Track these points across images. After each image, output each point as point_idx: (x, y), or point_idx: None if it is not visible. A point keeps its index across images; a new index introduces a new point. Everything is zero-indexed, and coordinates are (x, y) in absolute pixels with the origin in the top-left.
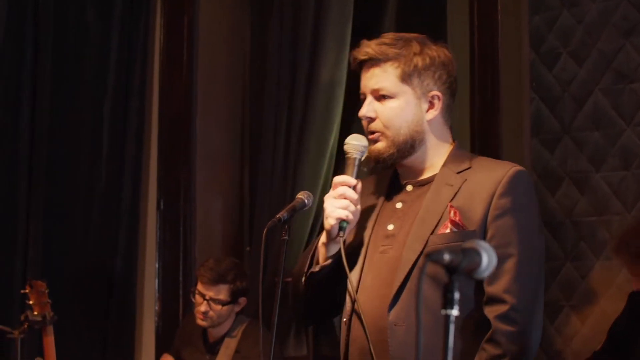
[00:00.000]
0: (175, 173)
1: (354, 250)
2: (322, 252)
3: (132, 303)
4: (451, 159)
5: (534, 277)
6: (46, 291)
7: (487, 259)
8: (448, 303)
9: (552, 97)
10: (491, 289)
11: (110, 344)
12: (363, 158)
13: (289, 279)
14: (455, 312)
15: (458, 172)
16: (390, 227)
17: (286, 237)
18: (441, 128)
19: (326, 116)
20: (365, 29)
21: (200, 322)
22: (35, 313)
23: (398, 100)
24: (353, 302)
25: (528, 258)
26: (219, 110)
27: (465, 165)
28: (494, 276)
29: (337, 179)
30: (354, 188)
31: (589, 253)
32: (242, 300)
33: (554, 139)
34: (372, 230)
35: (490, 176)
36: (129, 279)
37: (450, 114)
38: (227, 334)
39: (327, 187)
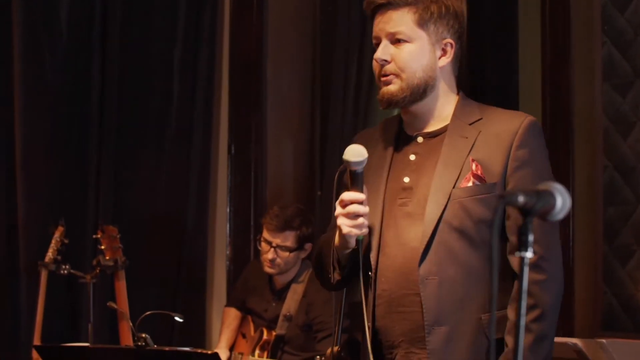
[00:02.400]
0: (246, 117)
1: (368, 203)
2: (341, 257)
3: (204, 248)
4: (460, 109)
5: (556, 225)
6: (118, 236)
7: (562, 201)
8: (522, 245)
9: (623, 41)
10: (515, 239)
11: (181, 289)
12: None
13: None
14: (529, 254)
15: (470, 124)
16: (406, 179)
17: None
18: (450, 77)
19: None
20: None
21: (267, 270)
22: (107, 258)
23: (414, 44)
24: (377, 256)
25: None
26: (290, 55)
27: (477, 117)
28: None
29: (346, 196)
30: (362, 203)
31: None
32: (308, 246)
33: (625, 83)
34: (386, 182)
35: (506, 128)
36: (200, 224)
37: (457, 65)
38: (294, 280)
39: None
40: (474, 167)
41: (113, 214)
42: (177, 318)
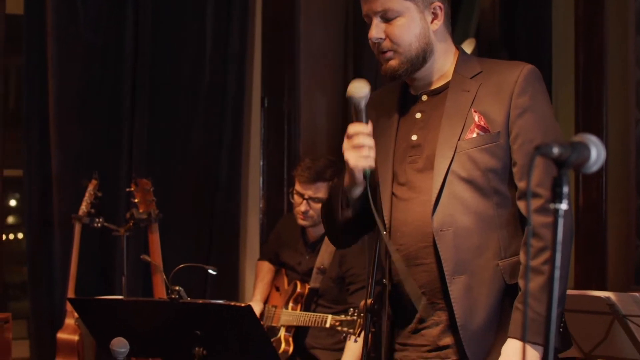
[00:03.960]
0: (280, 71)
1: (379, 163)
2: (351, 193)
3: (237, 201)
4: (460, 65)
5: None
6: (151, 189)
7: (596, 153)
8: (557, 197)
9: None
10: (523, 185)
11: (215, 242)
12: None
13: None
14: (564, 206)
15: (471, 77)
16: (414, 137)
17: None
18: (445, 36)
19: None
20: None
21: (300, 222)
22: (141, 211)
23: (404, 17)
24: (390, 213)
25: None
26: (323, 8)
27: (477, 70)
28: (525, 172)
29: (352, 129)
30: (368, 135)
31: None
32: None
33: None
34: (395, 142)
35: (505, 78)
36: (234, 177)
37: (450, 21)
38: None
39: None
40: (476, 118)
41: (146, 167)
42: (210, 271)
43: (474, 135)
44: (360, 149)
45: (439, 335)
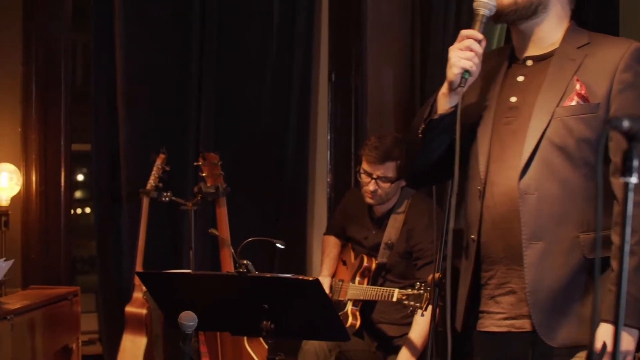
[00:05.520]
0: (347, 45)
1: (479, 121)
2: (443, 103)
3: (304, 175)
4: (569, 34)
5: None
6: (219, 163)
7: None
8: (627, 170)
9: None
10: (618, 160)
11: (282, 216)
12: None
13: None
14: (634, 179)
15: (578, 47)
16: (513, 99)
17: (459, 106)
18: (564, 4)
19: None
20: None
21: (368, 201)
22: (209, 185)
23: None
24: (486, 170)
25: None
26: None
27: (584, 40)
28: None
29: (464, 32)
30: (479, 43)
31: None
32: None
33: None
34: (495, 102)
35: (612, 52)
36: (301, 151)
37: None
38: (393, 208)
39: None
40: (578, 87)
41: (214, 141)
42: (278, 245)
43: (573, 103)
44: (467, 50)
45: (515, 303)
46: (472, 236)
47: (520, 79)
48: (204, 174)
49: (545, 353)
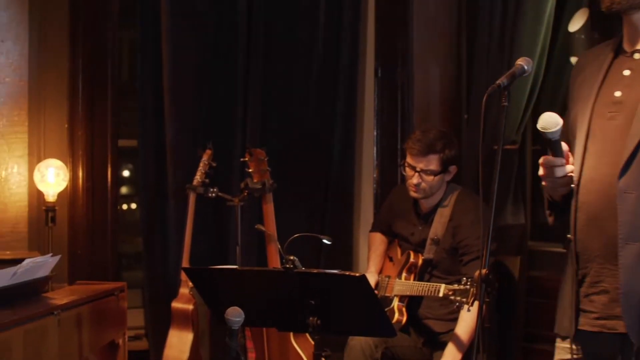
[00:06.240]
0: (393, 40)
1: (577, 116)
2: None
3: (351, 171)
4: None
5: None
6: (266, 159)
7: None
8: None
9: None
10: None
11: (329, 211)
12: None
13: (509, 146)
14: None
15: None
16: (618, 93)
17: (506, 103)
18: None
19: None
20: None
21: (413, 194)
22: (255, 181)
23: None
24: (581, 168)
25: None
26: None
27: None
28: None
29: (545, 161)
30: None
31: None
32: (453, 169)
33: None
34: (597, 96)
35: None
36: (348, 147)
37: None
38: (439, 203)
39: (544, 54)
40: None
41: (260, 137)
42: (325, 241)
43: None
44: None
45: (608, 303)
46: (568, 235)
47: (627, 72)
48: (250, 170)
49: (634, 356)
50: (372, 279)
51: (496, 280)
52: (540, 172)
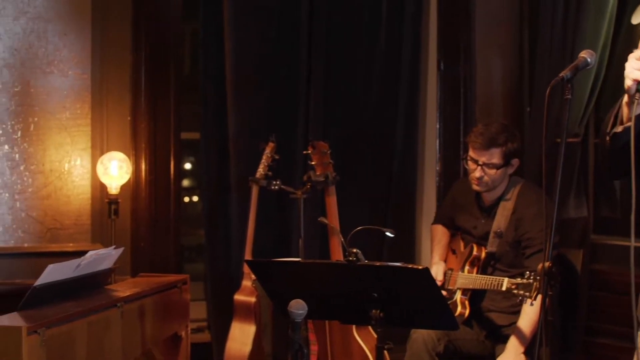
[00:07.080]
0: (455, 34)
1: None
2: (625, 112)
3: (414, 164)
4: None
5: None
6: (328, 152)
7: None
8: None
9: None
10: None
11: (391, 204)
12: None
13: (572, 139)
14: None
15: None
16: None
17: (569, 96)
18: None
19: None
20: None
21: (475, 188)
22: (318, 173)
23: None
24: None
25: None
26: None
27: None
28: None
29: None
30: None
31: None
32: (515, 162)
33: None
34: None
35: None
36: (410, 140)
37: None
38: (502, 196)
39: (607, 46)
40: None
41: (323, 130)
42: (388, 233)
43: None
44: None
45: None
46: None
47: None
48: (313, 163)
49: None
50: (440, 268)
51: (559, 273)
52: (635, 54)
